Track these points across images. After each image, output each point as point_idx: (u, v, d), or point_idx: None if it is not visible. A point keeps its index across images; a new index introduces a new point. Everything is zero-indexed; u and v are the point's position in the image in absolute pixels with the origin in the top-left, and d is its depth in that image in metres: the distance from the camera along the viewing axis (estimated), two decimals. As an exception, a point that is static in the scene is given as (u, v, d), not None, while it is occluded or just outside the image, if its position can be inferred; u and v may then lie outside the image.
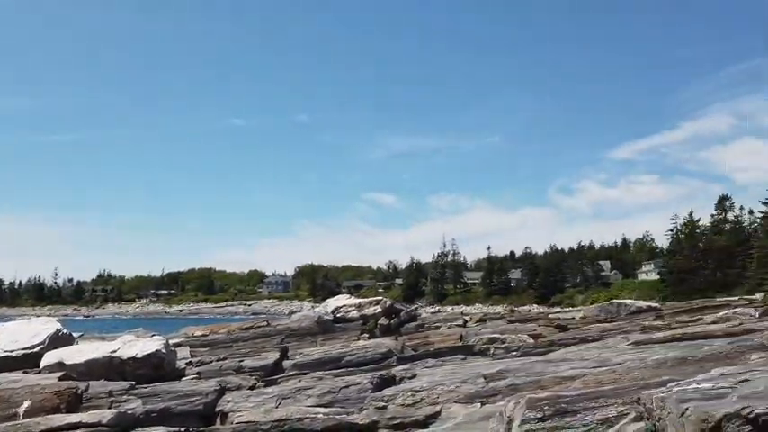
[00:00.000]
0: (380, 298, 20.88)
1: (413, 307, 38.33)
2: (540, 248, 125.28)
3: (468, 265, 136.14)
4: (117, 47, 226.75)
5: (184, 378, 10.68)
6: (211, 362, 12.24)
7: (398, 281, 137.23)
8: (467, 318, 23.85)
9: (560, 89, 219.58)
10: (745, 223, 71.30)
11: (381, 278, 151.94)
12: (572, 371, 7.94)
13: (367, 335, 16.91)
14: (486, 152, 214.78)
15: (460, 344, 13.76)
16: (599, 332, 13.91)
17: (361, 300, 20.28)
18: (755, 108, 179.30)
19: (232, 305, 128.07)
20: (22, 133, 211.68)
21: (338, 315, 18.50)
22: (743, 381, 4.85)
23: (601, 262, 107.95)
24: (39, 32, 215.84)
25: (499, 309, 69.79)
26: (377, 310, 18.77)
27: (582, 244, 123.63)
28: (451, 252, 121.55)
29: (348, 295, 25.31)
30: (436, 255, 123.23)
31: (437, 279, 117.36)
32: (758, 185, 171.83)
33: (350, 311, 18.71)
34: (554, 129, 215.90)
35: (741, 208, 73.35)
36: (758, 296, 35.98)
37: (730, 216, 72.96)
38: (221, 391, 8.80)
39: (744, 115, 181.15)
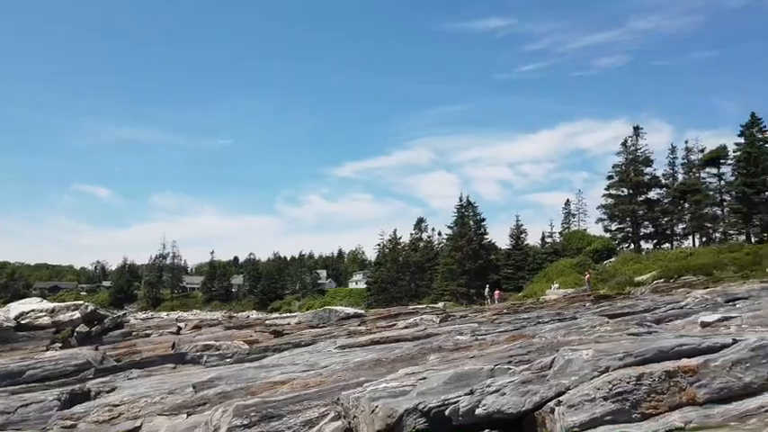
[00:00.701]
0: (80, 302, 18.49)
1: (120, 313, 35.06)
2: (264, 255, 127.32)
3: (189, 270, 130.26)
4: None
5: None
6: None
7: (106, 284, 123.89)
8: (182, 324, 22.80)
9: (297, 103, 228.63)
10: (435, 242, 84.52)
11: (86, 280, 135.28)
12: (282, 375, 8.21)
13: (60, 344, 14.81)
14: (218, 155, 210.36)
15: (172, 352, 13.05)
16: (311, 337, 14.71)
17: (56, 304, 17.72)
18: (449, 147, 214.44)
19: None
20: None
21: (23, 322, 15.76)
22: (422, 379, 5.67)
23: (319, 270, 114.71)
24: None
25: (218, 315, 68.32)
26: (75, 317, 16.59)
27: (303, 253, 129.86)
28: (171, 254, 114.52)
29: (40, 299, 21.72)
30: (153, 257, 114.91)
31: (152, 283, 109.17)
32: (446, 211, 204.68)
33: (40, 317, 16.12)
34: (286, 140, 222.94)
35: (433, 229, 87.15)
36: (440, 305, 42.73)
37: (424, 236, 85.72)
38: None
39: (440, 151, 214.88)
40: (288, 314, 46.86)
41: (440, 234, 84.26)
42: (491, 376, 5.60)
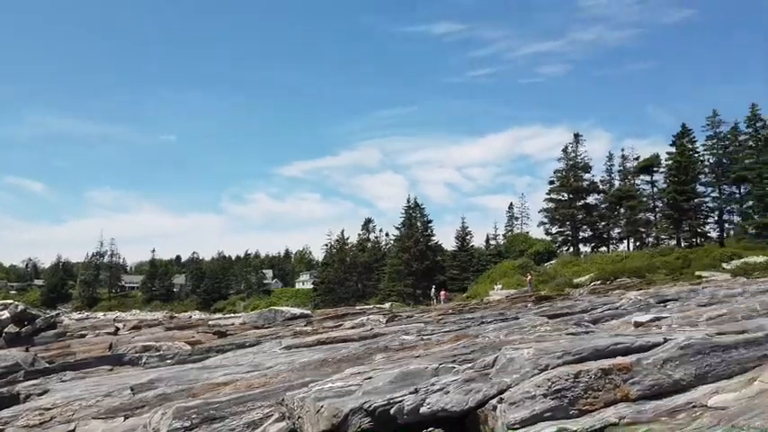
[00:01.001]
0: (9, 301, 17.58)
1: (53, 313, 33.56)
2: (207, 254, 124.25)
3: (128, 268, 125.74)
4: None
5: None
6: None
7: (38, 282, 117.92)
8: (120, 325, 22.05)
9: (245, 101, 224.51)
10: (383, 243, 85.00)
11: (15, 278, 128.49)
12: (226, 377, 8.04)
13: (-14, 346, 14.01)
14: (161, 150, 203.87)
15: (109, 353, 12.57)
16: (256, 338, 14.47)
17: (-18, 303, 16.73)
18: (397, 148, 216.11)
19: None
20: None
21: (-55, 322, 14.83)
22: (367, 378, 5.68)
23: (265, 270, 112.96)
24: None
25: (158, 315, 66.17)
26: (3, 316, 15.80)
27: (249, 252, 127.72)
28: (109, 252, 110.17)
29: (-37, 297, 20.51)
30: (90, 254, 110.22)
31: (89, 282, 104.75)
32: (394, 212, 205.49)
33: (-37, 318, 15.19)
34: (232, 137, 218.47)
35: (380, 230, 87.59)
36: (387, 305, 42.92)
37: (372, 236, 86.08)
38: None
39: (388, 153, 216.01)
40: (232, 315, 45.87)
41: (387, 235, 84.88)
42: (436, 375, 5.66)
